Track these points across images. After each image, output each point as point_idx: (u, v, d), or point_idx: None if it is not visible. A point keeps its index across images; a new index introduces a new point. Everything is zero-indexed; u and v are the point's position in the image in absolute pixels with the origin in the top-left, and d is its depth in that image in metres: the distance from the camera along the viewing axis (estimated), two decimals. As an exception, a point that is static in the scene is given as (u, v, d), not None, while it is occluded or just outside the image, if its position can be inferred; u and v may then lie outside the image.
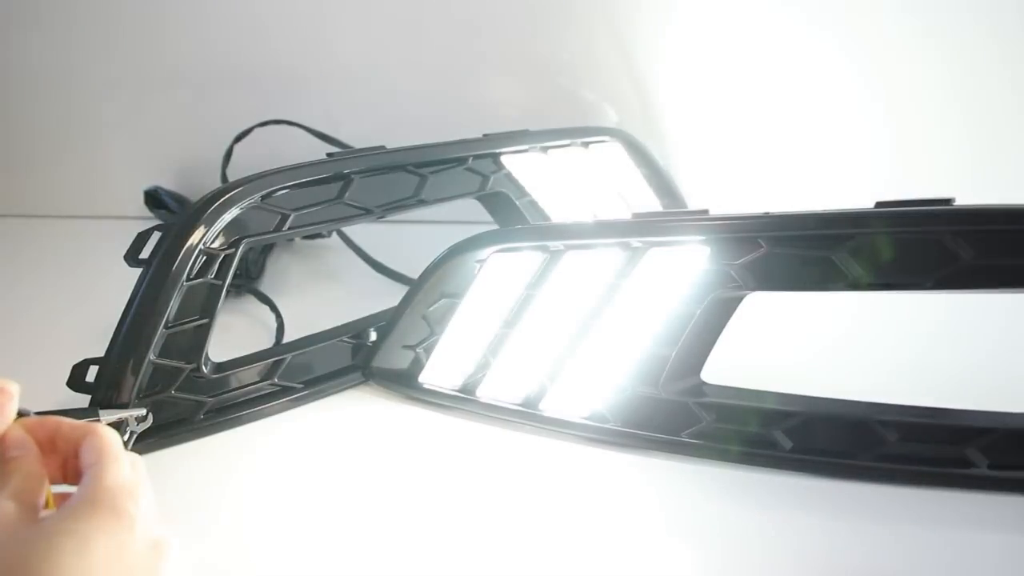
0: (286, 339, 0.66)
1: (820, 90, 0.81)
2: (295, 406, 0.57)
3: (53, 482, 0.37)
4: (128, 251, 0.52)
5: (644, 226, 0.49)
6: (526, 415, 0.54)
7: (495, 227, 0.72)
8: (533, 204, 0.72)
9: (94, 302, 0.63)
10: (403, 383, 0.58)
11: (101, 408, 0.49)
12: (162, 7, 0.87)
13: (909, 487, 0.46)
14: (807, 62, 0.81)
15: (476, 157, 0.66)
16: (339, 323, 0.62)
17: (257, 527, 0.46)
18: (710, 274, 0.47)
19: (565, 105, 0.87)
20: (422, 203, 0.63)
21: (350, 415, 0.57)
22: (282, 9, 0.86)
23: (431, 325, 0.57)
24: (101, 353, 0.51)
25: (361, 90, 0.89)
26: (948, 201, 0.42)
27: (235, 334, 0.68)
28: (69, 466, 0.37)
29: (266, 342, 0.66)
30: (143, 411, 0.50)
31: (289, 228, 0.56)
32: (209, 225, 0.52)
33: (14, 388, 0.36)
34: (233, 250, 0.54)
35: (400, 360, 0.58)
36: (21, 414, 0.37)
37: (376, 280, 0.79)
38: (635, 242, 0.49)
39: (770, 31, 0.80)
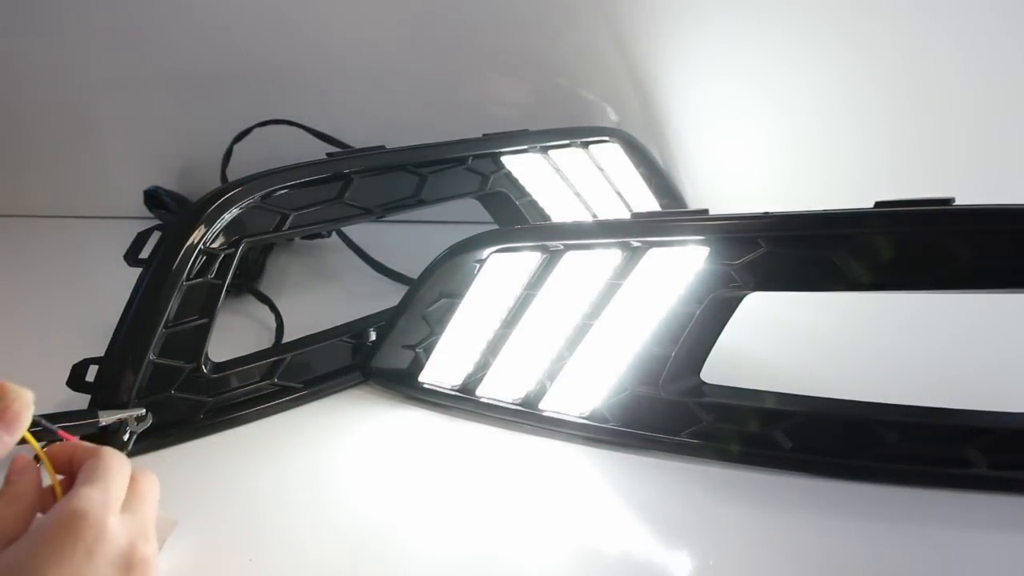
0: (286, 339, 0.66)
1: (820, 90, 0.81)
2: (295, 406, 0.57)
3: None
4: (128, 251, 0.52)
5: (644, 226, 0.49)
6: (526, 415, 0.54)
7: (495, 227, 0.72)
8: (533, 204, 0.73)
9: (94, 302, 0.63)
10: (403, 383, 0.58)
11: (101, 408, 0.49)
12: (162, 7, 0.87)
13: (909, 487, 0.46)
14: (807, 62, 0.80)
15: (476, 157, 0.66)
16: (339, 323, 0.62)
17: (257, 527, 0.46)
18: (710, 274, 0.47)
19: (565, 105, 0.87)
20: (422, 203, 0.63)
21: (350, 415, 0.57)
22: (282, 9, 0.85)
23: (431, 325, 0.57)
24: (101, 353, 0.51)
25: (361, 90, 0.89)
26: (948, 201, 0.42)
27: (235, 334, 0.68)
28: None
29: (266, 342, 0.66)
30: (143, 411, 0.50)
31: (289, 228, 0.56)
32: (209, 225, 0.52)
33: (29, 396, 0.37)
34: (233, 250, 0.54)
35: (400, 360, 0.58)
36: (33, 420, 0.37)
37: (376, 280, 0.79)
38: (635, 242, 0.49)
39: (770, 31, 0.80)
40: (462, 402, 0.56)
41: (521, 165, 0.70)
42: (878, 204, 0.44)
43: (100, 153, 0.97)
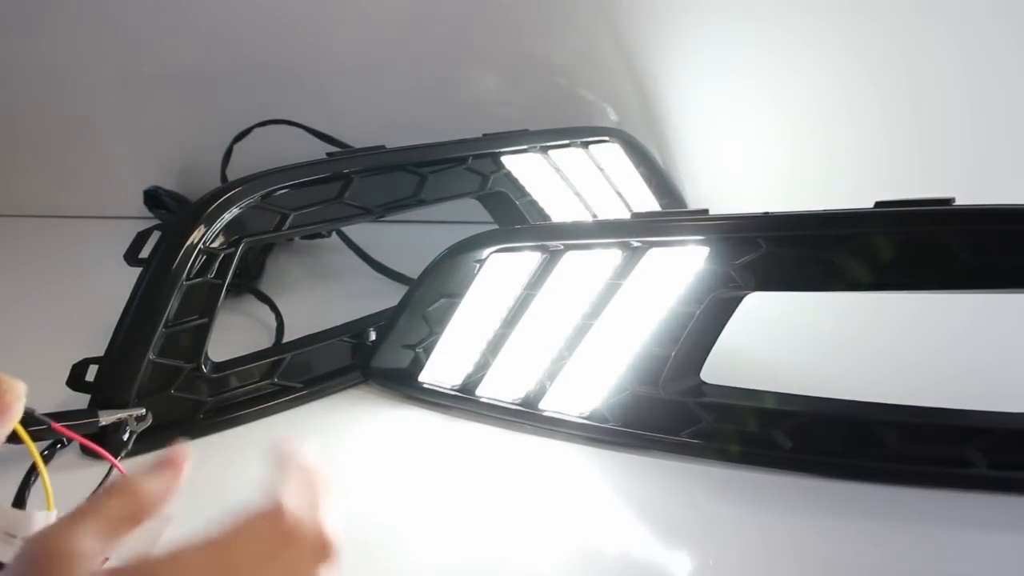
0: (286, 339, 0.66)
1: (820, 90, 0.81)
2: (295, 406, 0.57)
3: None
4: (128, 251, 0.52)
5: (644, 226, 0.49)
6: (526, 415, 0.54)
7: (495, 227, 0.72)
8: (533, 204, 0.73)
9: (94, 302, 0.63)
10: (403, 383, 0.58)
11: (100, 408, 0.49)
12: (162, 7, 0.87)
13: (909, 487, 0.46)
14: (807, 62, 0.80)
15: (476, 157, 0.66)
16: (339, 323, 0.62)
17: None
18: (710, 274, 0.47)
19: (565, 105, 0.87)
20: (422, 203, 0.63)
21: (350, 415, 0.57)
22: (282, 9, 0.85)
23: (431, 325, 0.57)
24: (101, 353, 0.51)
25: (361, 90, 0.89)
26: (948, 201, 0.42)
27: (235, 334, 0.68)
28: None
29: (266, 342, 0.66)
30: (142, 411, 0.50)
31: (289, 228, 0.56)
32: (209, 224, 0.52)
33: (21, 388, 0.36)
34: (233, 249, 0.54)
35: (400, 360, 0.58)
36: (27, 413, 0.37)
37: (376, 280, 0.79)
38: (635, 242, 0.49)
39: (770, 30, 0.80)
40: (462, 402, 0.56)
41: (521, 165, 0.70)
42: (878, 204, 0.44)
43: (100, 153, 0.97)
